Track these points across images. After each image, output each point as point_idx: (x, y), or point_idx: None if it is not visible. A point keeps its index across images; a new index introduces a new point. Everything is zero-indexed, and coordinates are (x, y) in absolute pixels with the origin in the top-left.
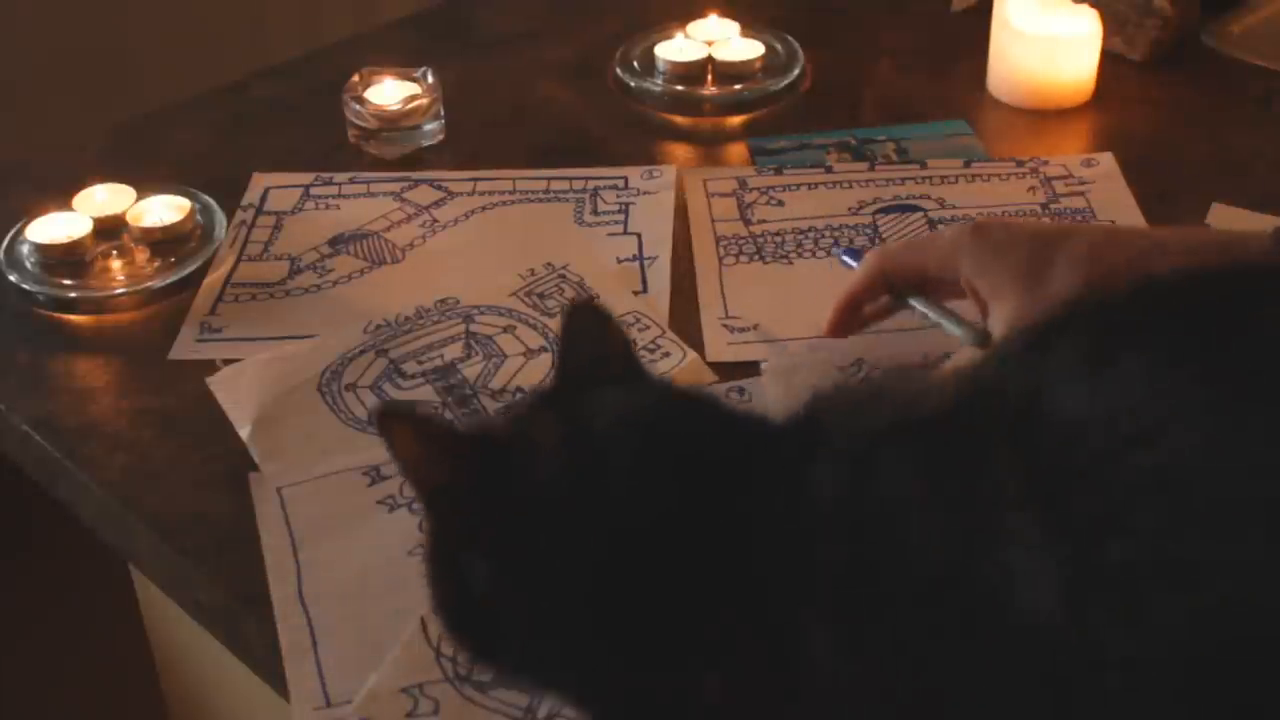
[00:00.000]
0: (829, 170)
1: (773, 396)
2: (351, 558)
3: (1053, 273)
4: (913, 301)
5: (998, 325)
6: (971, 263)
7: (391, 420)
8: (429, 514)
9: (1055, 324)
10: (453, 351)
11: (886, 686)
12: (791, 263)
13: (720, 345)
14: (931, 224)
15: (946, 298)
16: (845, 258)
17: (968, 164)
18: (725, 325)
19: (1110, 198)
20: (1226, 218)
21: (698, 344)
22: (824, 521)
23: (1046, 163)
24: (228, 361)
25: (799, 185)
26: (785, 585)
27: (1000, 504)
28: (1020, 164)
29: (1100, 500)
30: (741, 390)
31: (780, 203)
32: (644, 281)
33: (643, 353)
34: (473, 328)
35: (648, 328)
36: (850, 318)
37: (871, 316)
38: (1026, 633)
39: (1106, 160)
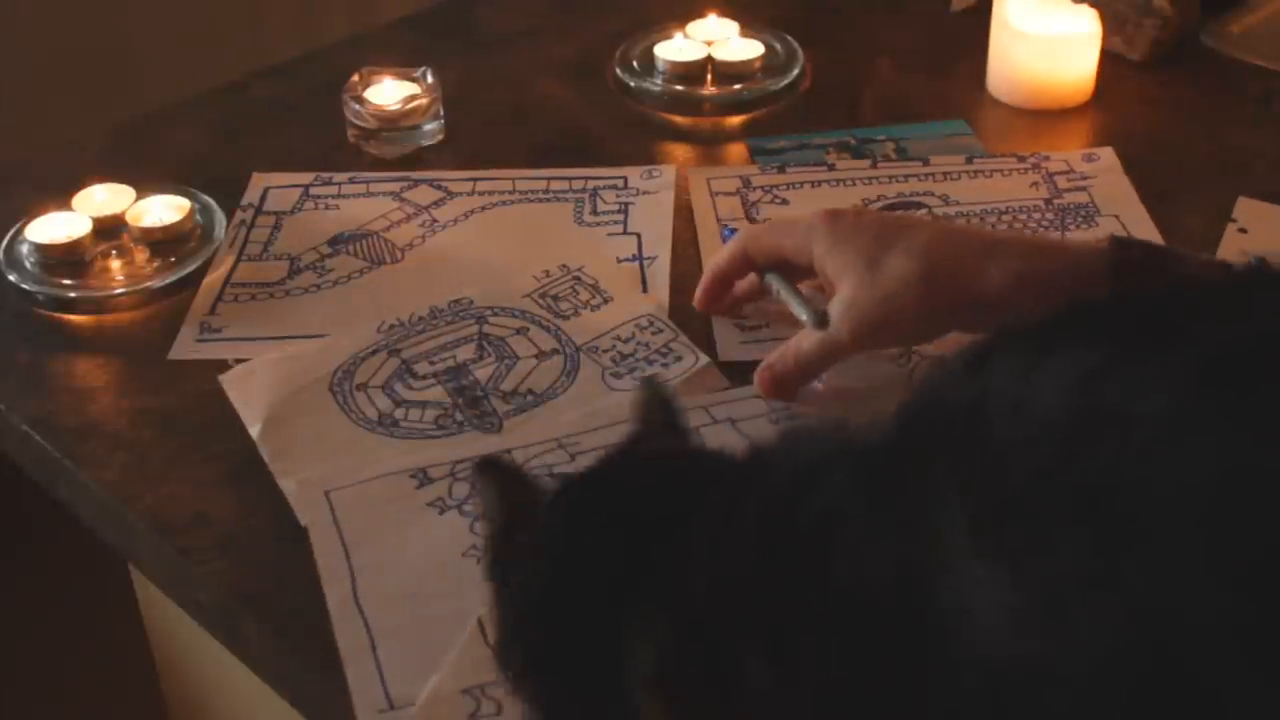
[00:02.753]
0: (832, 169)
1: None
2: (405, 560)
3: (890, 260)
4: (768, 278)
5: (835, 307)
6: (821, 247)
7: (484, 473)
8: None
9: (993, 340)
10: (465, 353)
11: (824, 712)
12: None
13: (732, 344)
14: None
15: (805, 281)
16: (727, 234)
17: (970, 160)
18: (736, 324)
19: (1112, 192)
20: (1253, 211)
21: (701, 343)
22: (753, 547)
23: (1048, 158)
24: (239, 360)
25: (802, 183)
26: (717, 611)
27: (939, 527)
28: (1022, 159)
29: (1036, 519)
30: None
31: (784, 201)
32: (644, 281)
33: (655, 356)
34: (486, 329)
35: (660, 331)
36: (717, 291)
37: (741, 293)
38: (967, 655)
39: (1107, 155)
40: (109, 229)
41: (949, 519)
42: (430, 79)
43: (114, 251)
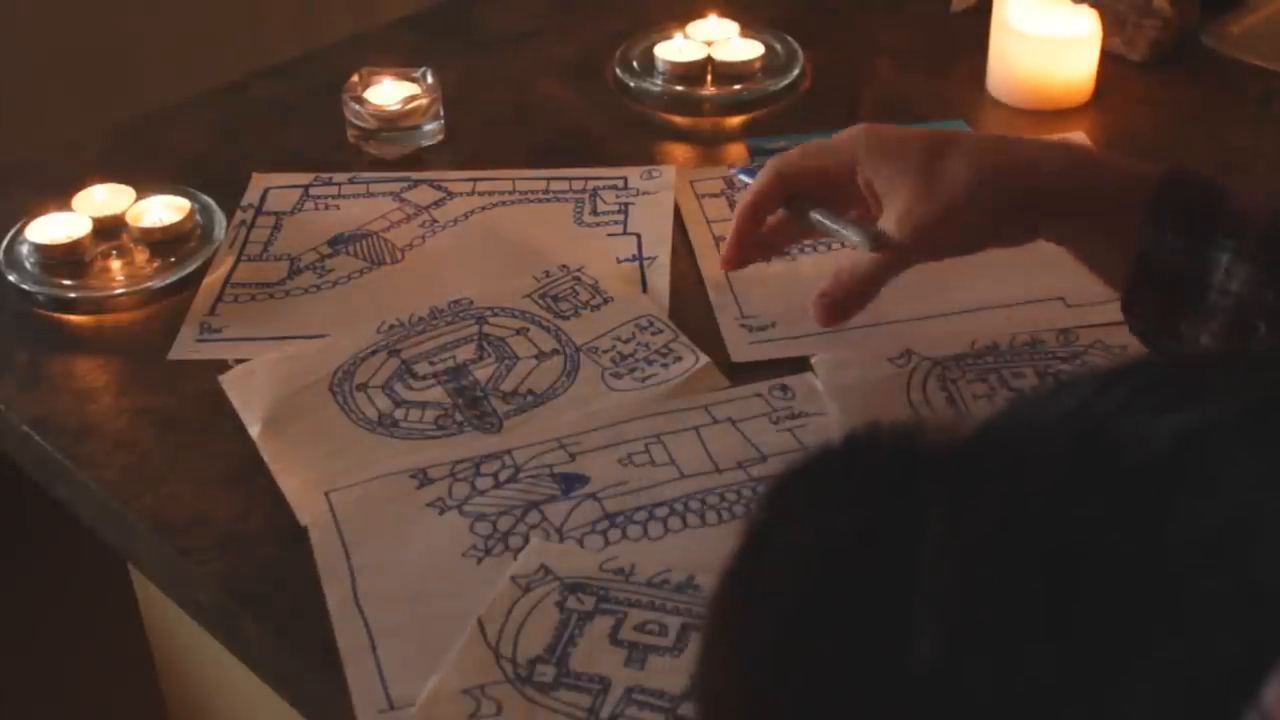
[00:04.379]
0: None
1: (824, 392)
2: (405, 560)
3: (945, 166)
4: (813, 214)
5: (890, 222)
6: (868, 160)
7: None
8: None
9: (1056, 382)
10: (465, 353)
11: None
12: (795, 258)
13: (742, 346)
14: None
15: (844, 208)
16: (742, 176)
17: None
18: (744, 325)
19: None
20: None
21: (704, 343)
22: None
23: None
24: (239, 360)
25: None
26: (728, 581)
27: (917, 552)
28: None
29: (998, 568)
30: (785, 388)
31: None
32: (643, 281)
33: (655, 356)
34: (486, 329)
35: (660, 331)
36: (751, 227)
37: (771, 231)
38: (906, 677)
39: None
40: (109, 229)
41: (927, 550)
42: (430, 79)
43: (114, 252)
